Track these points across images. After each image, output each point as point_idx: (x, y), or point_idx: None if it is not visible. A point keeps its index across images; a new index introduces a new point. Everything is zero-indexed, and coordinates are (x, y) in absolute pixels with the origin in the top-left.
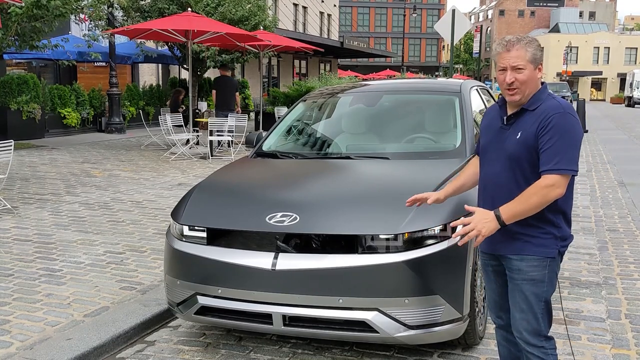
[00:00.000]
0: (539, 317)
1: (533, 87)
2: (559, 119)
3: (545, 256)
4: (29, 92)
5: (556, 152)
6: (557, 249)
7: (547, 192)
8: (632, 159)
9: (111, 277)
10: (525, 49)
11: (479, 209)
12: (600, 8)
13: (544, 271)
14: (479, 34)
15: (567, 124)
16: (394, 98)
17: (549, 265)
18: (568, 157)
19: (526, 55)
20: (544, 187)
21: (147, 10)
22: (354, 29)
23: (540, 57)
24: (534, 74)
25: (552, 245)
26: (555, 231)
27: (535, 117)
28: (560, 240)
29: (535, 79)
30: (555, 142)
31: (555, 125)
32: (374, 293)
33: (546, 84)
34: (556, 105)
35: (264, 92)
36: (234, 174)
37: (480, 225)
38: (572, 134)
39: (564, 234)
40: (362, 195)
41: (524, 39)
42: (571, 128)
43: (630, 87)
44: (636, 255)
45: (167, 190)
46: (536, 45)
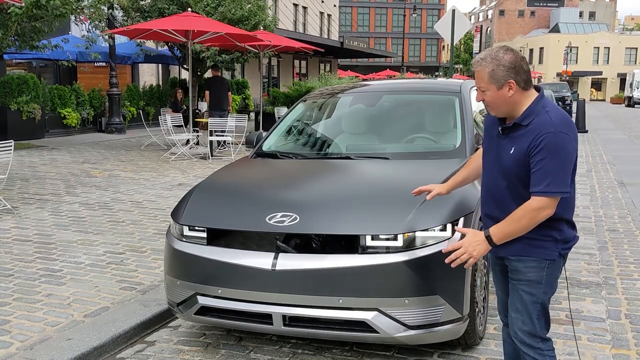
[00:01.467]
0: (535, 319)
1: (507, 105)
2: (550, 138)
3: (544, 258)
4: (29, 92)
5: (546, 174)
6: (557, 251)
7: (535, 215)
8: (632, 159)
9: (111, 277)
10: (484, 70)
11: (470, 231)
12: (600, 8)
13: (541, 273)
14: (479, 34)
15: (558, 143)
16: (394, 98)
17: (548, 268)
18: (558, 179)
19: (485, 76)
20: (532, 209)
21: (147, 11)
22: (354, 29)
23: (505, 74)
24: (500, 93)
25: (552, 247)
26: (557, 234)
27: (528, 134)
28: (561, 243)
29: (505, 98)
30: (545, 163)
31: (546, 145)
32: (374, 293)
33: (542, 93)
34: (548, 122)
35: (264, 92)
36: (234, 174)
37: (471, 248)
38: (563, 154)
39: (565, 236)
40: (362, 196)
41: (487, 57)
42: (562, 148)
43: (630, 87)
44: (636, 255)
45: (167, 190)
46: (497, 64)
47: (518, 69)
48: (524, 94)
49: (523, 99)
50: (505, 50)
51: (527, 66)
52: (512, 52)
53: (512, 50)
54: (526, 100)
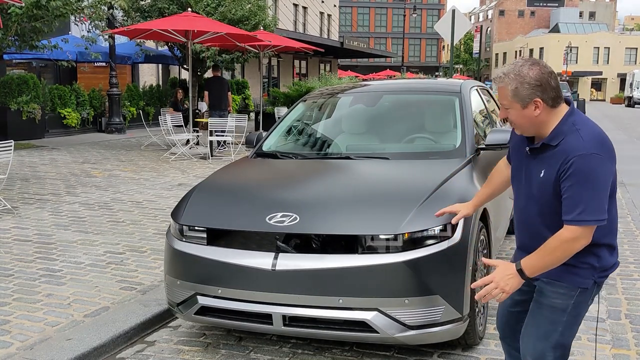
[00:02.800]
0: (549, 347)
1: (534, 125)
2: (579, 162)
3: (576, 286)
4: (29, 92)
5: (579, 201)
6: (592, 279)
7: (569, 246)
8: (632, 159)
9: (111, 277)
10: (507, 87)
11: (500, 263)
12: (600, 8)
13: (568, 301)
14: (479, 34)
15: (588, 167)
16: (394, 98)
17: (578, 296)
18: (593, 206)
19: (508, 94)
20: (566, 240)
21: (147, 11)
22: (354, 29)
23: (530, 93)
24: (524, 112)
25: (588, 275)
26: (595, 261)
27: (558, 156)
28: (599, 271)
29: (530, 118)
30: (576, 190)
31: (576, 170)
32: (374, 293)
33: (572, 107)
34: (579, 144)
35: (264, 92)
36: (234, 174)
37: (502, 283)
38: (595, 178)
39: (604, 264)
40: (362, 196)
41: (510, 73)
42: (594, 171)
43: (630, 87)
44: (636, 255)
45: (167, 190)
46: (520, 81)
47: (545, 86)
48: (552, 111)
49: (551, 117)
50: (531, 65)
51: (555, 81)
52: (538, 66)
53: (538, 64)
54: (555, 118)
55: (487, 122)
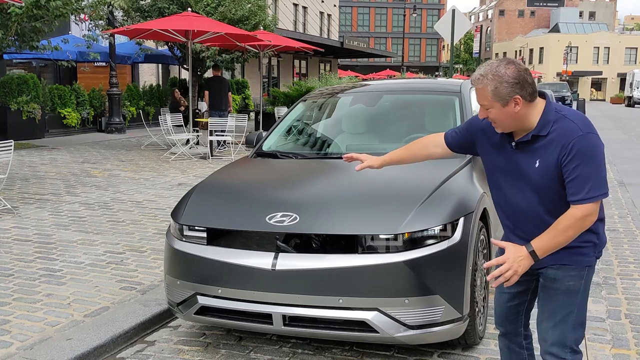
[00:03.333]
0: (569, 329)
1: (514, 121)
2: (580, 143)
3: (584, 265)
4: (29, 92)
5: (586, 180)
6: (595, 256)
7: (582, 223)
8: (632, 159)
9: (111, 277)
10: (486, 87)
11: (510, 245)
12: (600, 8)
13: (580, 281)
14: (479, 34)
15: (589, 146)
16: (394, 98)
17: (587, 275)
18: (598, 183)
19: (487, 94)
20: (579, 218)
21: (147, 10)
22: (354, 29)
23: (510, 91)
24: (505, 110)
25: (591, 253)
26: (595, 238)
27: (553, 143)
28: (599, 247)
29: (511, 114)
30: (582, 170)
31: (578, 152)
32: (374, 293)
33: (549, 98)
34: (573, 127)
35: (264, 92)
36: (234, 174)
37: (515, 264)
38: (596, 155)
39: (602, 240)
40: (362, 195)
41: (487, 74)
42: (595, 149)
43: (630, 87)
44: (636, 255)
45: (167, 190)
46: (499, 81)
47: (523, 83)
48: (530, 105)
49: (530, 111)
50: (507, 64)
51: (530, 77)
52: (513, 65)
53: (513, 62)
54: (534, 111)
55: None
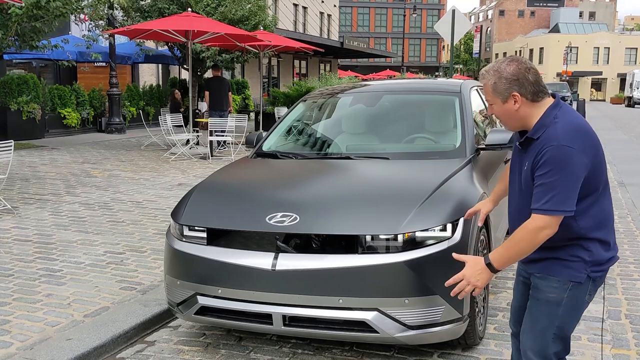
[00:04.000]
0: (548, 341)
1: (516, 119)
2: (552, 152)
3: (568, 279)
4: (29, 92)
5: (547, 190)
6: (585, 273)
7: (534, 235)
8: (632, 159)
9: (111, 277)
10: (488, 82)
11: (470, 259)
12: (600, 8)
13: (562, 294)
14: (479, 34)
15: (559, 158)
16: (394, 98)
17: (571, 289)
18: (560, 197)
19: (489, 89)
20: (531, 229)
21: (147, 11)
22: (354, 29)
23: (508, 87)
24: (505, 107)
25: (580, 269)
26: (585, 255)
27: (536, 148)
28: (591, 265)
29: (511, 112)
30: (546, 179)
31: (547, 160)
32: (374, 293)
33: (557, 101)
34: (553, 135)
35: (264, 92)
36: (234, 174)
37: (474, 279)
38: (564, 168)
39: (597, 258)
40: (362, 196)
41: (490, 70)
42: (563, 162)
43: (630, 87)
44: (636, 255)
45: (167, 190)
46: (498, 76)
47: (522, 80)
48: (533, 105)
49: (533, 111)
50: (510, 62)
51: (534, 77)
52: (516, 62)
53: (517, 60)
54: (538, 111)
55: (487, 122)
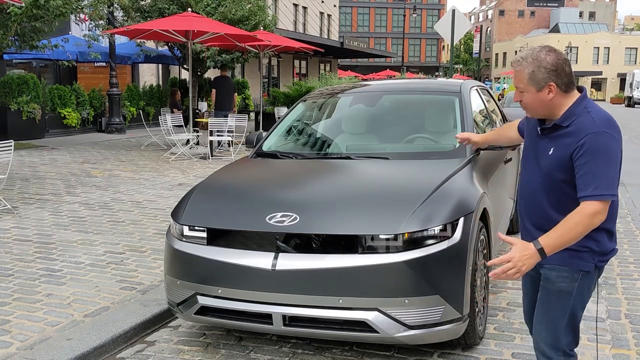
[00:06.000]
0: (561, 331)
1: (547, 108)
2: (592, 140)
3: (578, 269)
4: (29, 92)
5: (593, 177)
6: (593, 263)
7: (590, 221)
8: (632, 159)
9: (111, 277)
10: (524, 70)
11: (518, 242)
12: (600, 8)
13: (573, 284)
14: (479, 34)
15: (601, 144)
16: (393, 98)
17: (581, 279)
18: (607, 181)
19: (524, 77)
20: (587, 215)
21: (147, 11)
22: (354, 29)
23: (546, 77)
24: (539, 96)
25: (589, 259)
26: (594, 245)
27: (570, 136)
28: (598, 255)
29: (544, 101)
30: (591, 166)
31: (589, 148)
32: (374, 293)
33: (584, 94)
34: (590, 123)
35: (264, 92)
36: (234, 174)
37: (520, 263)
38: (607, 155)
39: (603, 248)
40: (362, 196)
41: (527, 57)
42: (606, 148)
43: (630, 87)
44: (636, 255)
45: (167, 190)
46: (537, 65)
47: (560, 71)
48: (564, 96)
49: (564, 101)
50: (548, 51)
51: (569, 68)
52: (554, 52)
53: (554, 51)
54: (567, 102)
55: (487, 122)
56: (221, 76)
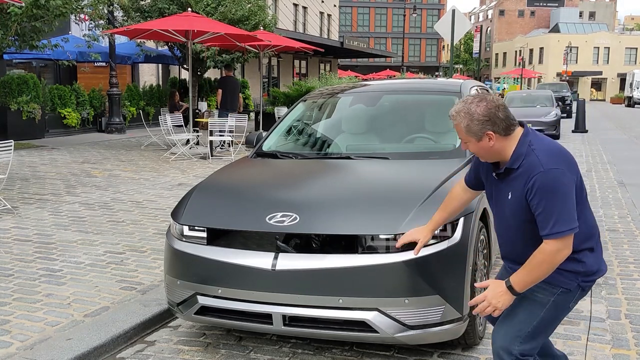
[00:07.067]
0: (520, 337)
1: (492, 154)
2: (540, 179)
3: (559, 285)
4: (29, 92)
5: (549, 216)
6: (576, 282)
7: (553, 258)
8: (632, 159)
9: (111, 277)
10: (460, 124)
11: (491, 282)
12: (600, 8)
13: (549, 297)
14: (479, 34)
15: (549, 182)
16: (393, 98)
17: (559, 294)
18: (563, 218)
19: (462, 130)
20: (549, 253)
21: (147, 11)
22: (354, 29)
23: (481, 127)
24: (481, 145)
25: (572, 278)
26: (578, 267)
27: (521, 178)
28: (582, 276)
29: (487, 148)
30: (545, 206)
31: (539, 188)
32: (374, 293)
33: (527, 129)
34: (536, 163)
35: (264, 92)
36: (234, 174)
37: (494, 300)
38: (559, 191)
39: (588, 269)
40: (362, 196)
41: (460, 111)
42: (556, 185)
43: (630, 87)
44: (636, 255)
45: (167, 190)
46: (470, 118)
47: (494, 119)
48: (506, 139)
49: (507, 144)
50: (479, 102)
51: (504, 113)
52: (485, 102)
53: (485, 99)
54: (511, 143)
55: None
56: (227, 76)
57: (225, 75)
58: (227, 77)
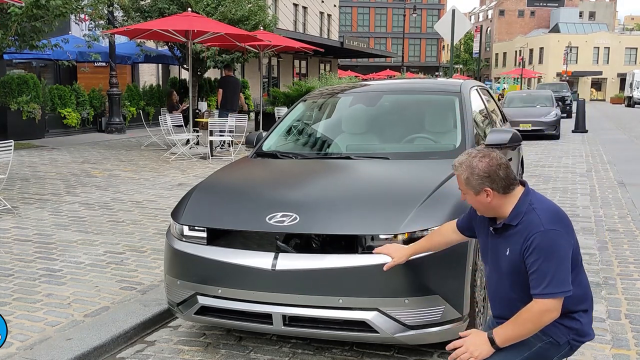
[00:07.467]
0: None
1: (489, 209)
2: (539, 238)
3: (550, 334)
4: (29, 92)
5: (544, 275)
6: (567, 338)
7: (539, 318)
8: (632, 159)
9: (111, 277)
10: (461, 175)
11: (473, 331)
12: (600, 8)
13: (536, 342)
14: (479, 34)
15: (548, 242)
16: (393, 98)
17: (547, 343)
18: (557, 279)
19: (462, 181)
20: (536, 313)
21: (147, 11)
22: (354, 29)
23: (480, 182)
24: (478, 199)
25: (565, 332)
26: (574, 324)
27: (520, 235)
28: (575, 334)
29: (484, 204)
30: (540, 265)
31: (537, 247)
32: (374, 293)
33: (527, 188)
34: (536, 222)
35: (264, 92)
36: (234, 174)
37: (472, 348)
38: (556, 252)
39: (583, 329)
40: (362, 196)
41: (462, 164)
42: (554, 246)
43: (630, 87)
44: (636, 255)
45: (167, 190)
46: (470, 172)
47: (494, 176)
48: (504, 197)
49: (504, 202)
50: (482, 157)
51: (504, 172)
52: (487, 158)
53: (489, 155)
54: (510, 201)
55: (487, 122)
56: (228, 76)
57: (225, 75)
58: (228, 76)
